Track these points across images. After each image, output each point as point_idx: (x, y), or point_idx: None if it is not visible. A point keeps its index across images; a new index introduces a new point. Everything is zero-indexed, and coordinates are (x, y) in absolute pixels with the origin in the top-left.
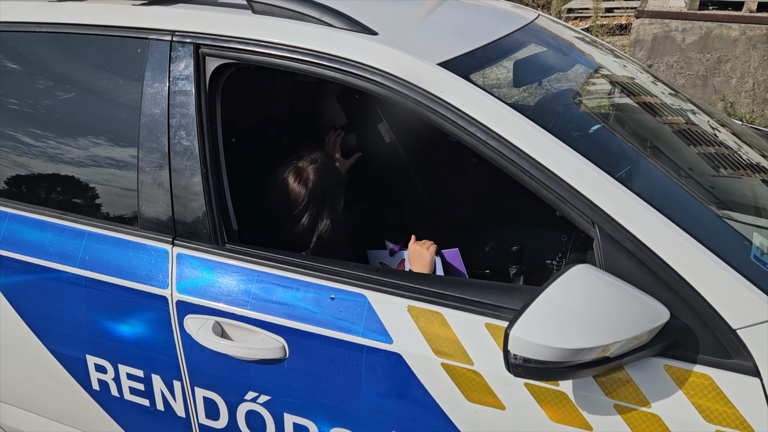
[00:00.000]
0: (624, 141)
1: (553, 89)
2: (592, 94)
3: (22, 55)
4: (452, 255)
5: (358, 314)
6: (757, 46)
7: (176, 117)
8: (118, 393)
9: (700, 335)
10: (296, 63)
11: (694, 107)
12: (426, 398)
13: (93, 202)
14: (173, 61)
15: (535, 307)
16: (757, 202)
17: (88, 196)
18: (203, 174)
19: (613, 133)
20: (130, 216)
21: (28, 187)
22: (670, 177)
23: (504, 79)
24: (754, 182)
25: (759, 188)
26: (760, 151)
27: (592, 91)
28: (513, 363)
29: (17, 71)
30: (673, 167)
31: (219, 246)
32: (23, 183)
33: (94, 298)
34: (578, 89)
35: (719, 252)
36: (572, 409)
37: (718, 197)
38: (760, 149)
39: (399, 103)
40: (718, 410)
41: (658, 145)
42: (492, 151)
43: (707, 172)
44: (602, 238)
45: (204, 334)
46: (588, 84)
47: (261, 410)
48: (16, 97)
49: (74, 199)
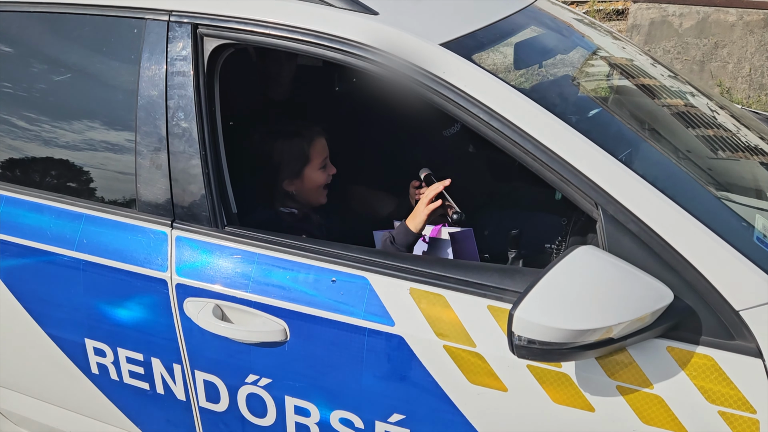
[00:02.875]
0: (626, 123)
1: (555, 71)
2: (593, 76)
3: (15, 36)
4: (465, 235)
5: (359, 297)
6: (755, 31)
7: (174, 98)
8: (117, 377)
9: (702, 316)
10: (295, 43)
11: (693, 89)
12: (428, 380)
13: (90, 185)
14: (171, 42)
15: (540, 288)
16: (758, 185)
17: (85, 179)
18: (202, 156)
19: (615, 115)
20: (128, 199)
21: (23, 170)
22: (672, 159)
23: (504, 62)
24: (753, 165)
25: (759, 171)
26: (759, 133)
27: (593, 73)
28: (517, 344)
29: (11, 53)
30: (675, 149)
31: (218, 229)
32: (19, 166)
33: (92, 281)
34: (579, 71)
35: (722, 234)
36: (574, 390)
37: (719, 180)
38: (759, 132)
39: (400, 85)
40: (720, 391)
41: (659, 128)
42: (495, 132)
43: (707, 154)
44: (606, 220)
45: (204, 317)
46: (589, 66)
47: (262, 393)
48: (10, 79)
49: (71, 182)
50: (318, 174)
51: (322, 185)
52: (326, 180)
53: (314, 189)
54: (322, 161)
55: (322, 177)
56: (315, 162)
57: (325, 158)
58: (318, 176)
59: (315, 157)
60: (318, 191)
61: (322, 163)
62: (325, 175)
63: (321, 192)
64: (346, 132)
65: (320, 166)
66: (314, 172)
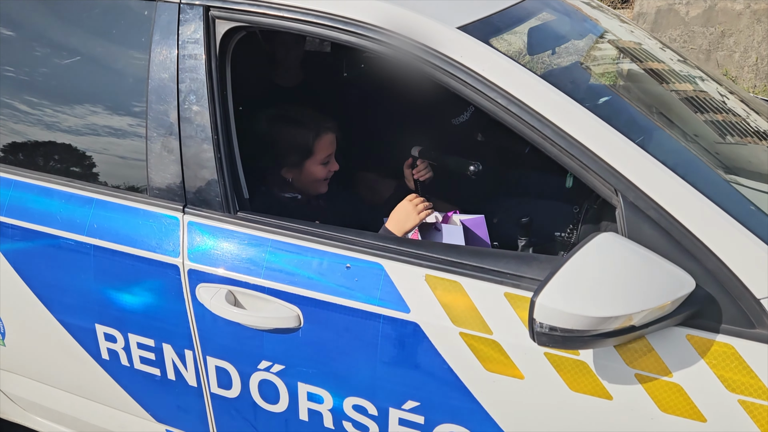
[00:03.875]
0: (643, 109)
1: (570, 57)
2: (603, 60)
3: (25, 19)
4: (476, 222)
5: (374, 283)
6: (762, 20)
7: (186, 82)
8: (128, 362)
9: (722, 304)
10: (309, 26)
11: (704, 74)
12: (443, 368)
13: (100, 169)
14: (182, 24)
15: (562, 275)
16: None
17: (95, 164)
18: (214, 140)
19: (633, 100)
20: (139, 183)
21: (32, 154)
22: (692, 145)
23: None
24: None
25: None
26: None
27: (609, 58)
28: (538, 331)
29: (20, 36)
30: (693, 135)
31: (231, 214)
32: (27, 150)
33: (102, 266)
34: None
35: (744, 221)
36: (592, 378)
37: (738, 166)
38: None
39: (413, 69)
40: (740, 380)
41: (677, 113)
42: (513, 117)
43: (726, 140)
44: (626, 207)
45: (217, 302)
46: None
47: (274, 379)
48: (20, 63)
49: (81, 166)
50: (318, 168)
51: (320, 179)
52: (325, 176)
53: (311, 181)
54: (326, 157)
55: (322, 172)
56: (318, 156)
57: (330, 154)
58: (317, 170)
59: (319, 151)
60: (316, 183)
61: (325, 159)
62: (325, 171)
63: (319, 184)
64: (354, 118)
65: (322, 162)
66: (314, 166)
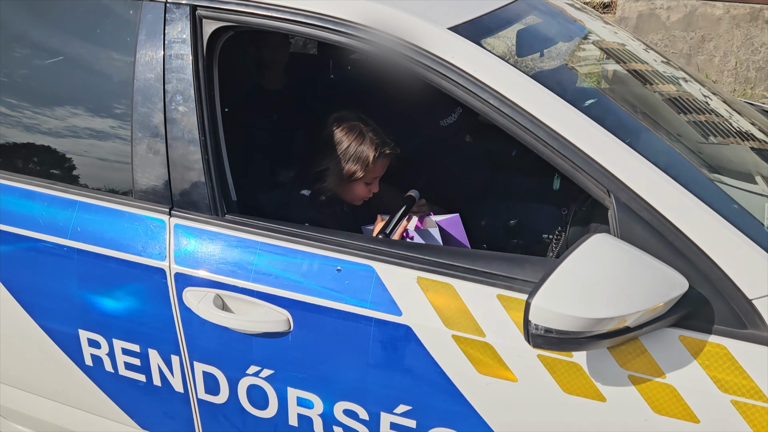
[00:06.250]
0: (630, 110)
1: (559, 59)
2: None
3: (7, 17)
4: (452, 222)
5: (365, 286)
6: (741, 25)
7: (172, 82)
8: (112, 369)
9: (715, 305)
10: (298, 26)
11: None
12: (436, 371)
13: (84, 171)
14: (168, 24)
15: (557, 276)
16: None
17: (79, 165)
18: (201, 142)
19: (619, 101)
20: (124, 186)
21: (14, 155)
22: (677, 145)
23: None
24: (763, 153)
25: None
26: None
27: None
28: (534, 333)
29: (4, 36)
30: (677, 135)
31: (219, 216)
32: (9, 151)
33: (86, 270)
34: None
35: (735, 222)
36: (585, 380)
37: (729, 168)
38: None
39: (402, 70)
40: (732, 381)
41: (661, 114)
42: (505, 118)
43: (709, 140)
44: (618, 208)
45: (204, 307)
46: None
47: (263, 385)
48: (2, 64)
49: (64, 168)
50: (361, 187)
51: (359, 197)
52: (365, 195)
53: (351, 195)
54: (374, 178)
55: (363, 191)
56: (368, 176)
57: (377, 177)
58: (360, 189)
59: (371, 172)
60: (354, 198)
61: (372, 180)
62: (366, 191)
63: (355, 199)
64: None
65: (369, 182)
66: (360, 184)
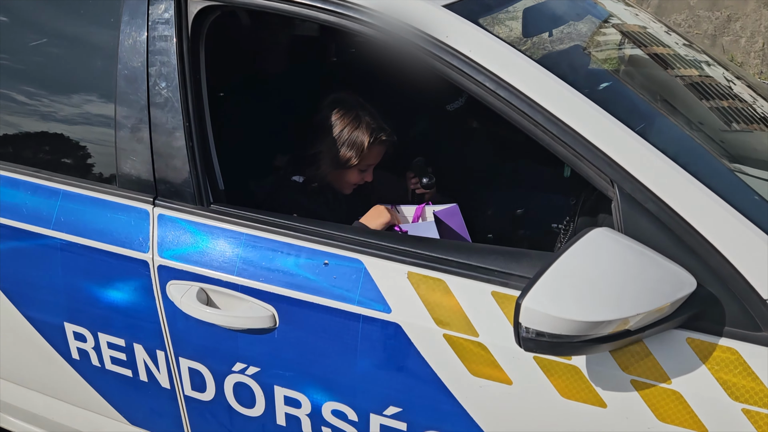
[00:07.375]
0: (646, 95)
1: (567, 39)
2: (607, 45)
3: None
4: (449, 212)
5: (353, 281)
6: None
7: (156, 65)
8: (99, 363)
9: (726, 306)
10: (287, 5)
11: (710, 59)
12: (426, 371)
13: (67, 158)
14: (152, 4)
15: (550, 275)
16: None
17: (62, 153)
18: (186, 128)
19: (635, 86)
20: (107, 174)
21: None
22: (696, 133)
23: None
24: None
25: None
26: None
27: (608, 42)
28: (524, 336)
29: None
30: (698, 123)
31: (204, 206)
32: None
33: (70, 262)
34: (592, 40)
35: (750, 214)
36: (585, 384)
37: (744, 155)
38: None
39: (400, 52)
40: (744, 386)
41: (681, 99)
42: (503, 102)
43: (732, 128)
44: (622, 199)
45: (188, 301)
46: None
47: (250, 382)
48: None
49: (47, 155)
50: (355, 174)
51: (350, 183)
52: (357, 182)
53: (342, 182)
54: (368, 165)
55: (356, 178)
56: (362, 163)
57: (372, 165)
58: (354, 176)
59: (366, 158)
60: (345, 185)
61: (366, 167)
62: (359, 177)
63: (346, 186)
64: None
65: (363, 169)
66: (353, 171)
